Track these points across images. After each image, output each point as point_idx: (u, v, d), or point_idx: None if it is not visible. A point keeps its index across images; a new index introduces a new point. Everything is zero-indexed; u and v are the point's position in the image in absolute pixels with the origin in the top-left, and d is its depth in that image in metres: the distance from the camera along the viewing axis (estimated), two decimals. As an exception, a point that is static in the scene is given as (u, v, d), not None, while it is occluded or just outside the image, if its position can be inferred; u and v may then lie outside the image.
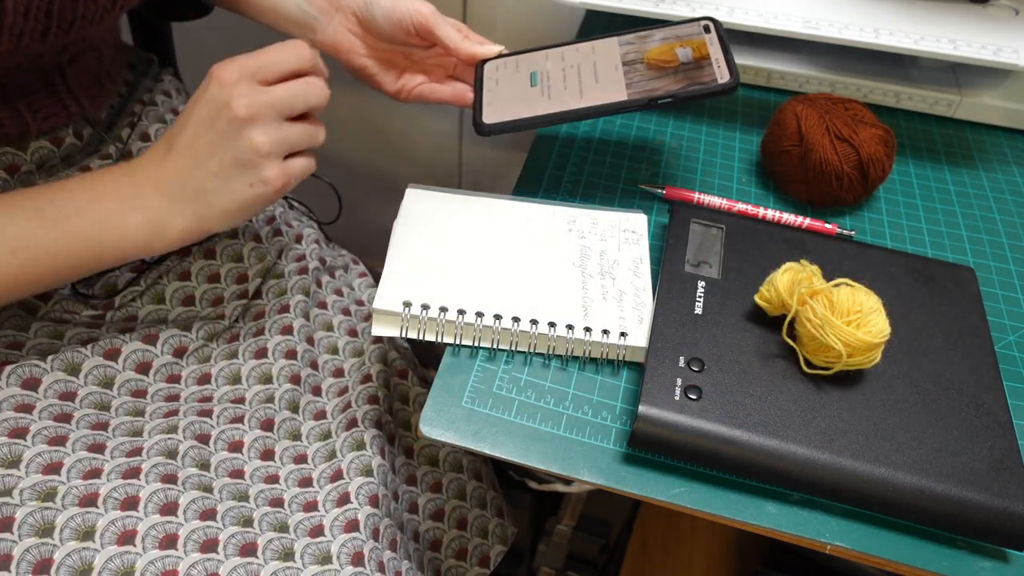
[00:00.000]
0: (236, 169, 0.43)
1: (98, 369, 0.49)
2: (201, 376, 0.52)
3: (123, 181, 0.44)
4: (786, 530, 0.38)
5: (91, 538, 0.41)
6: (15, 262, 0.41)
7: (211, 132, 0.42)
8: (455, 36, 0.52)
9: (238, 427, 0.51)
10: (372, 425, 0.54)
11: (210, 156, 0.43)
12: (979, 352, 0.43)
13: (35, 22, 0.42)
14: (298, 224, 0.64)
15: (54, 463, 0.43)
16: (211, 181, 0.43)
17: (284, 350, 0.55)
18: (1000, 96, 0.64)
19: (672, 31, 0.51)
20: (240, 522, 0.45)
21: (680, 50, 0.49)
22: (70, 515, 0.42)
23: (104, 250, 0.44)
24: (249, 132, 0.42)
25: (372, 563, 0.46)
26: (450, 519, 0.57)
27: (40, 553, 0.40)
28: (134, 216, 0.43)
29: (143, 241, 0.44)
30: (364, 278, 0.66)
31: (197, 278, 0.54)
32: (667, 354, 0.41)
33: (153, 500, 0.44)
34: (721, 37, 0.49)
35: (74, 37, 0.47)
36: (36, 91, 0.49)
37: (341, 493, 0.48)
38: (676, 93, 0.47)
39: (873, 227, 0.55)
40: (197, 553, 0.42)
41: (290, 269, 0.59)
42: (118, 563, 0.41)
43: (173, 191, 0.44)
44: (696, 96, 0.47)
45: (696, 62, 0.48)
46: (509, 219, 0.50)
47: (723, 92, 0.46)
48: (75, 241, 0.43)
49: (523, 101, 0.50)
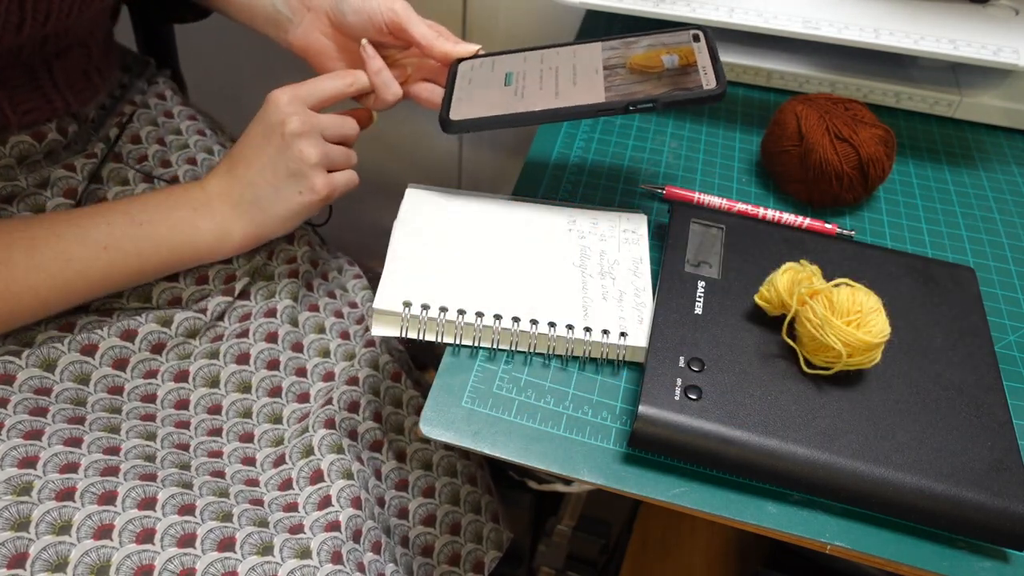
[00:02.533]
0: (288, 178, 0.50)
1: (74, 365, 0.49)
2: (179, 373, 0.52)
3: (196, 192, 0.51)
4: (786, 530, 0.38)
5: (67, 532, 0.41)
6: (105, 257, 0.47)
7: (268, 147, 0.50)
8: (428, 34, 0.51)
9: (216, 439, 0.51)
10: (350, 430, 0.54)
11: (266, 168, 0.50)
12: (979, 352, 0.43)
13: (8, 14, 0.42)
14: None
15: (29, 457, 0.43)
16: (266, 189, 0.50)
17: (267, 360, 0.55)
18: (1000, 96, 0.64)
19: (659, 38, 0.49)
20: (219, 517, 0.45)
21: (666, 56, 0.48)
22: (46, 509, 0.42)
23: (180, 251, 0.50)
24: (300, 144, 0.49)
25: (351, 563, 0.45)
26: (442, 524, 0.57)
27: (15, 547, 0.40)
28: (204, 222, 0.51)
29: (212, 244, 0.51)
30: (359, 280, 0.66)
31: (185, 279, 0.54)
32: (667, 354, 0.41)
33: (131, 495, 0.44)
34: (711, 46, 0.47)
35: (53, 30, 0.47)
36: (19, 85, 0.49)
37: (323, 496, 0.48)
38: (658, 98, 0.45)
39: (873, 227, 0.55)
40: (174, 548, 0.42)
41: (280, 271, 0.59)
42: (94, 557, 0.41)
43: (234, 200, 0.51)
44: (679, 102, 0.45)
45: (682, 69, 0.46)
46: (509, 219, 0.50)
47: (709, 100, 0.44)
48: (155, 242, 0.49)
49: (494, 100, 0.49)
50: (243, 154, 0.51)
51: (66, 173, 0.53)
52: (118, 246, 0.48)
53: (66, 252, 0.46)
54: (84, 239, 0.47)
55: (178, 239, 0.50)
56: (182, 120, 0.64)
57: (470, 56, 0.53)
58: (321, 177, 0.50)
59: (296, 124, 0.49)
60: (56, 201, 0.53)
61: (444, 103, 0.50)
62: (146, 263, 0.49)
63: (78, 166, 0.54)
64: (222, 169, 0.52)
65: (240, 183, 0.51)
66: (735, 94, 0.67)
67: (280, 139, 0.49)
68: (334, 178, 0.51)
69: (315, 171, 0.50)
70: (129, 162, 0.58)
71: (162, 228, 0.49)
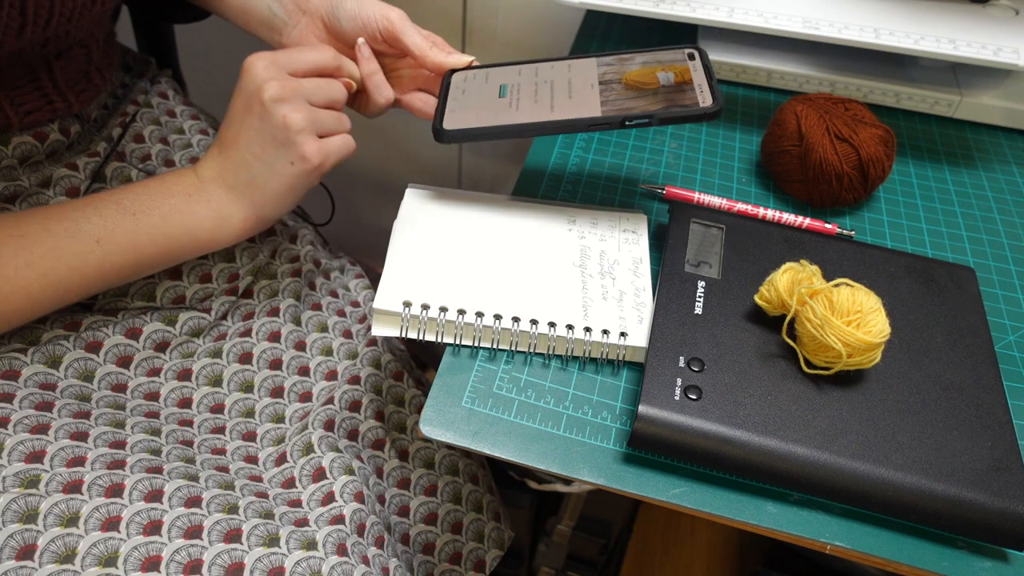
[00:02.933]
0: (275, 149, 0.46)
1: (79, 362, 0.49)
2: (182, 372, 0.52)
3: (189, 178, 0.48)
4: (786, 530, 0.38)
5: (75, 524, 0.42)
6: (99, 251, 0.45)
7: (250, 117, 0.46)
8: (422, 44, 0.51)
9: (219, 437, 0.51)
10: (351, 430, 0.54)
11: (252, 142, 0.47)
12: (979, 352, 0.43)
13: (9, 19, 0.42)
14: (293, 224, 0.64)
15: (37, 451, 0.44)
16: (258, 167, 0.47)
17: (269, 359, 0.55)
18: (1000, 96, 0.64)
19: (654, 55, 0.49)
20: (225, 510, 0.45)
21: (661, 74, 0.47)
22: (54, 502, 0.42)
23: (178, 240, 0.48)
24: (282, 110, 0.45)
25: (356, 556, 0.46)
26: (443, 523, 0.57)
27: (24, 539, 0.41)
28: (200, 208, 0.48)
29: (210, 230, 0.48)
30: (361, 279, 0.66)
31: (188, 277, 0.54)
32: (667, 354, 0.41)
33: (138, 488, 0.44)
34: (706, 65, 0.47)
35: (55, 33, 0.47)
36: (20, 85, 0.49)
37: (326, 492, 0.48)
38: (654, 113, 0.45)
39: (873, 227, 0.55)
40: (181, 539, 0.43)
41: (283, 270, 0.59)
42: (102, 548, 0.41)
43: (229, 182, 0.48)
44: (675, 119, 0.44)
45: (678, 86, 0.46)
46: (509, 219, 0.50)
47: (705, 117, 0.44)
48: (151, 233, 0.47)
49: (488, 110, 0.48)
50: (229, 132, 0.48)
51: (69, 172, 0.54)
52: (111, 239, 0.46)
53: (57, 248, 0.44)
54: (76, 233, 0.45)
55: (175, 228, 0.47)
56: (185, 119, 0.64)
57: (464, 67, 0.52)
58: (311, 143, 0.46)
59: (275, 89, 0.45)
60: (59, 200, 0.53)
61: (437, 113, 0.50)
62: (142, 255, 0.47)
63: (81, 165, 0.54)
64: (213, 152, 0.49)
65: (232, 164, 0.48)
66: (735, 94, 0.67)
67: (260, 107, 0.45)
68: (327, 144, 0.47)
69: (303, 137, 0.46)
70: (132, 161, 0.58)
71: (155, 217, 0.47)
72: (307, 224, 0.66)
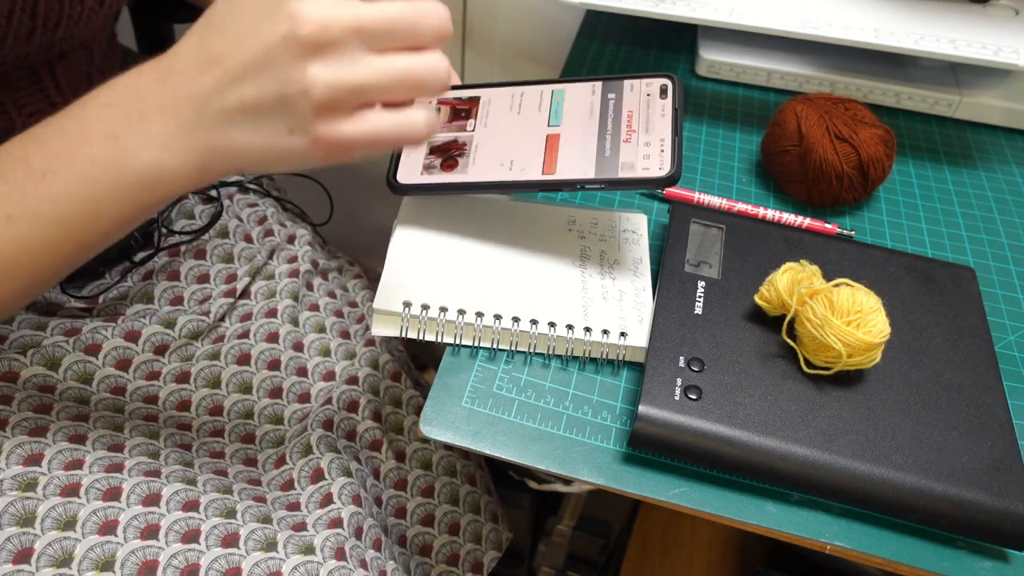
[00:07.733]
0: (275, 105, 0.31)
1: (78, 364, 0.49)
2: (180, 375, 0.52)
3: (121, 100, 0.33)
4: (786, 530, 0.38)
5: (72, 527, 0.42)
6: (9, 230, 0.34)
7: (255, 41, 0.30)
8: None
9: (218, 440, 0.51)
10: (348, 430, 0.54)
11: (244, 77, 0.31)
12: (979, 352, 0.43)
13: (19, 24, 0.42)
14: (291, 225, 0.64)
15: (34, 454, 0.44)
16: (238, 112, 0.31)
17: (267, 360, 0.55)
18: (1000, 96, 0.64)
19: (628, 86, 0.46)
20: (223, 514, 0.45)
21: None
22: (51, 505, 0.42)
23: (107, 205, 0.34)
24: (308, 64, 0.29)
25: (354, 559, 0.46)
26: (441, 524, 0.57)
27: (21, 542, 0.41)
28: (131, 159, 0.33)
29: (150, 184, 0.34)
30: (359, 280, 0.66)
31: (187, 278, 0.54)
32: (667, 354, 0.41)
33: (136, 492, 0.44)
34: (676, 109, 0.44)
35: (62, 36, 0.47)
36: (23, 87, 0.49)
37: (324, 494, 0.48)
38: (608, 179, 0.43)
39: (873, 227, 0.55)
40: (179, 544, 0.42)
41: (281, 271, 0.59)
42: (99, 552, 0.41)
43: (183, 117, 0.32)
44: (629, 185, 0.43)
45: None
46: (509, 219, 0.50)
47: (660, 185, 0.43)
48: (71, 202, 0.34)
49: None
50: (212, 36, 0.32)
51: None
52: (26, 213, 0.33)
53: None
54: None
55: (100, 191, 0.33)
56: None
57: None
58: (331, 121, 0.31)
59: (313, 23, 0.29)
60: None
61: (391, 163, 0.48)
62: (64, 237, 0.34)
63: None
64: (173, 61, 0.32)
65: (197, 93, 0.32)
66: (735, 94, 0.67)
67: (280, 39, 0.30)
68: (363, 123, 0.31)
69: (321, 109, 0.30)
70: None
71: (71, 182, 0.33)
72: (305, 224, 0.66)
